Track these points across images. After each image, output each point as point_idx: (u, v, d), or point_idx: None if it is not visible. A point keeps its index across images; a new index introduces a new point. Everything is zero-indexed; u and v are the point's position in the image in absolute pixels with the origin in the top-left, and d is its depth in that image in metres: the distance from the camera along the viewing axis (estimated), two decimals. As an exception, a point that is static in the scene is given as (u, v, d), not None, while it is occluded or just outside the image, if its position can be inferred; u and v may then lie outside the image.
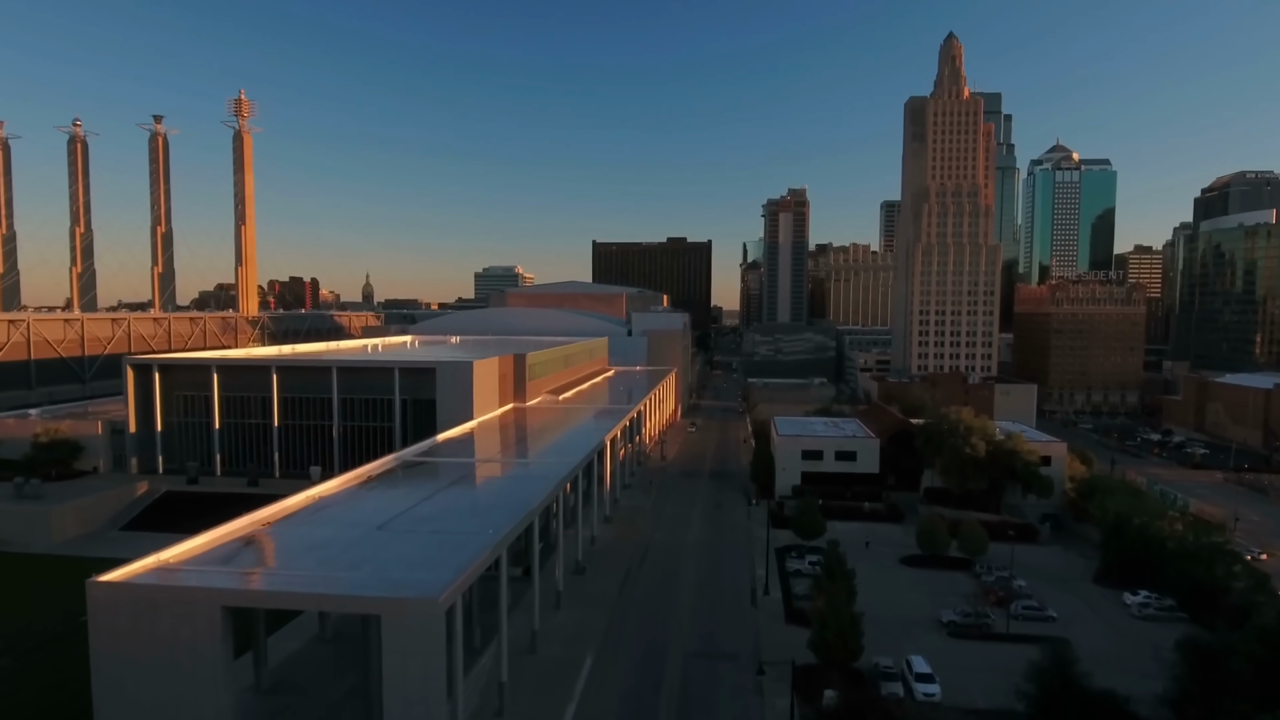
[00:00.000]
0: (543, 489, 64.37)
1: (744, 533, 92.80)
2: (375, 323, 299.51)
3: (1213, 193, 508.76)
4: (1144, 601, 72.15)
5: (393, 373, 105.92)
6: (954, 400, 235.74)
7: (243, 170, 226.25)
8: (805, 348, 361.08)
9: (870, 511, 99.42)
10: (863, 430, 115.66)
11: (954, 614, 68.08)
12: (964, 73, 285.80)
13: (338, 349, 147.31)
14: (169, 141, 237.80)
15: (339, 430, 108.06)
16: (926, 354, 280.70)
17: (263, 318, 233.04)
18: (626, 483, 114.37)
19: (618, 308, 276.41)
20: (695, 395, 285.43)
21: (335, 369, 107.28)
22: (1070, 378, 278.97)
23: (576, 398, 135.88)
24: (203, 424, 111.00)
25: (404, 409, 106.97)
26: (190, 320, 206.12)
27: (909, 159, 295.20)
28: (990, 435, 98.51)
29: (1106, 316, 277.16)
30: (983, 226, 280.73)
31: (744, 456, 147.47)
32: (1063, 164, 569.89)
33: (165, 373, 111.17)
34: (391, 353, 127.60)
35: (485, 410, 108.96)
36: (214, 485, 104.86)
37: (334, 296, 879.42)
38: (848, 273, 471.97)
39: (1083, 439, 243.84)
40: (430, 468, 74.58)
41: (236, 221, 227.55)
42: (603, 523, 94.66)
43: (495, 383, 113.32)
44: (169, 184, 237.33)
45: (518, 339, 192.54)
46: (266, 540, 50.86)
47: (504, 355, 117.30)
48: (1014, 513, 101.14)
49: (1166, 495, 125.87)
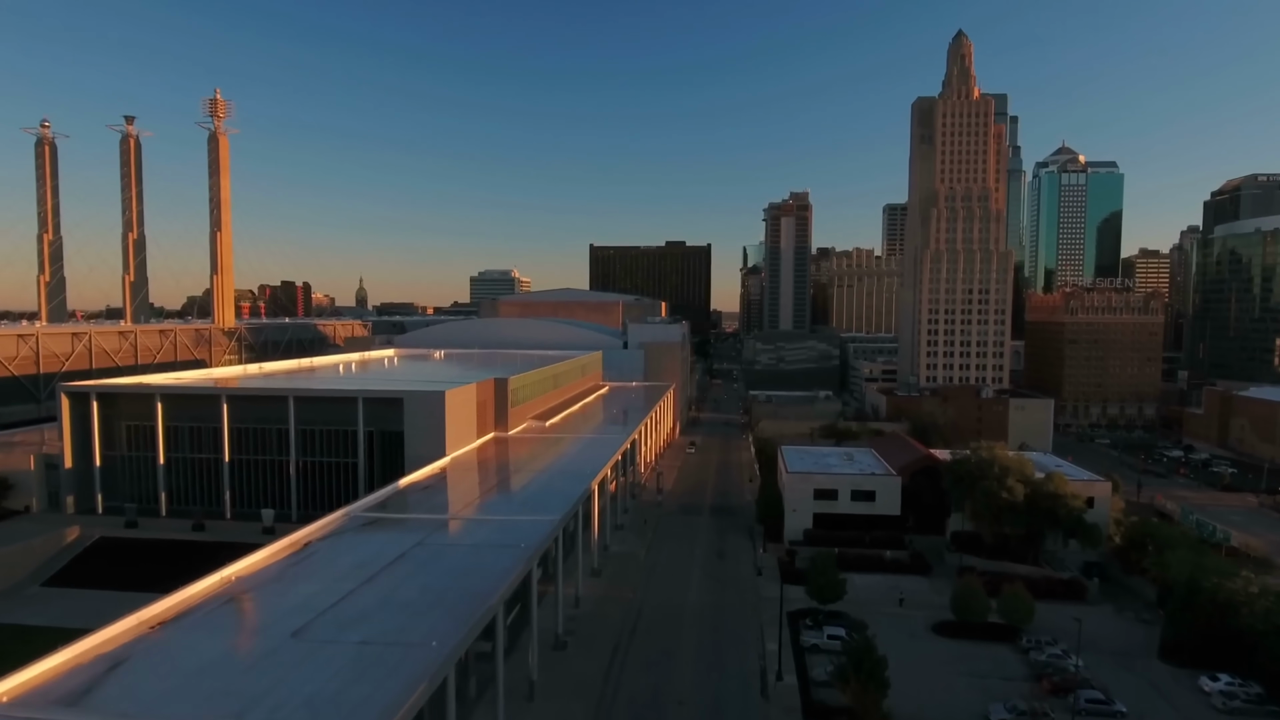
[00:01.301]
0: (512, 564, 53.14)
1: (751, 591, 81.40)
2: (363, 332, 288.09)
3: (1223, 196, 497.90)
4: (1227, 690, 60.87)
5: (356, 403, 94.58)
6: (967, 415, 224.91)
7: (218, 174, 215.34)
8: (808, 356, 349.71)
9: (893, 562, 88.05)
10: (880, 464, 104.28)
11: (1006, 711, 56.76)
12: (974, 72, 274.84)
13: (308, 368, 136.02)
14: (141, 143, 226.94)
15: (296, 466, 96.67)
16: (935, 364, 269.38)
17: (240, 329, 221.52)
18: (619, 523, 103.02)
19: (614, 317, 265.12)
20: (695, 408, 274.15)
21: (292, 399, 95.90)
22: (1085, 390, 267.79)
23: (566, 423, 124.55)
24: (146, 458, 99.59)
25: (370, 443, 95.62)
26: (160, 333, 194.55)
27: (916, 162, 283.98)
28: (1028, 476, 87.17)
29: (1123, 326, 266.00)
30: (993, 232, 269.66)
31: (747, 485, 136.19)
32: (1069, 166, 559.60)
33: (104, 401, 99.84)
34: (359, 377, 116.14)
35: (461, 443, 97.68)
36: (155, 529, 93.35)
37: (329, 300, 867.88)
38: (850, 278, 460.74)
39: (1101, 456, 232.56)
40: (381, 529, 63.19)
41: (211, 227, 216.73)
42: (590, 576, 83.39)
43: (472, 411, 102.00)
44: (141, 187, 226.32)
45: (506, 354, 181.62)
46: (142, 658, 39.39)
47: (483, 380, 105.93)
48: (1052, 561, 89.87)
49: (1204, 526, 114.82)
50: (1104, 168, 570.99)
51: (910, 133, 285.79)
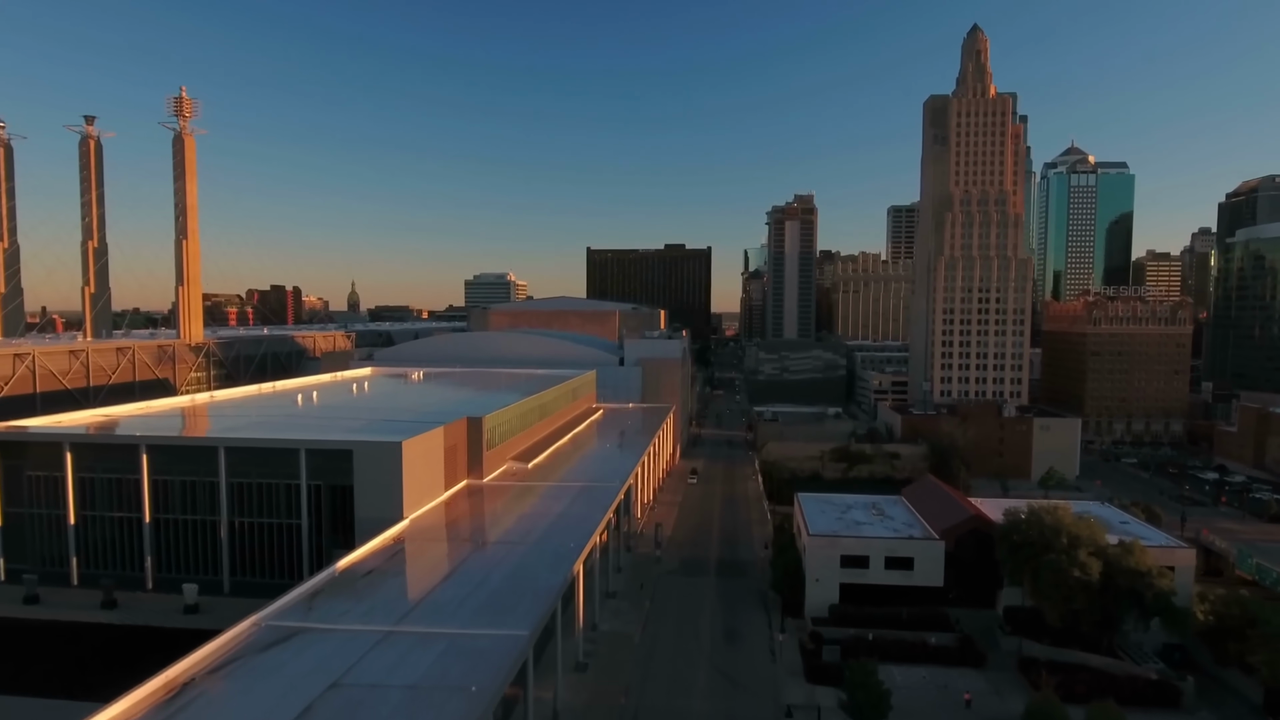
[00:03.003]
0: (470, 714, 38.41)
1: (769, 696, 66.45)
2: (345, 344, 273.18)
3: (1239, 198, 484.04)
4: None
5: (298, 455, 79.69)
6: (988, 436, 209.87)
7: (184, 177, 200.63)
8: (814, 366, 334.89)
9: (937, 649, 73.19)
10: (916, 522, 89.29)
11: None
12: (990, 69, 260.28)
13: (269, 391, 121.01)
14: (103, 145, 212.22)
15: (229, 528, 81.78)
16: (950, 378, 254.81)
17: (209, 343, 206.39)
18: (610, 590, 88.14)
19: (610, 327, 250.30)
20: (695, 423, 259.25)
21: (223, 450, 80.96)
22: (1108, 404, 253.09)
23: (553, 462, 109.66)
24: (55, 517, 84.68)
25: (315, 499, 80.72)
26: (117, 350, 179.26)
27: (929, 163, 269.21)
28: (1102, 546, 72.35)
29: (1149, 337, 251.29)
30: (1011, 238, 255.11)
31: (756, 528, 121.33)
32: (1078, 167, 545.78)
33: (6, 450, 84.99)
34: (307, 418, 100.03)
35: (423, 499, 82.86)
36: (58, 605, 78.34)
37: (323, 304, 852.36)
38: (856, 283, 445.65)
39: (1130, 479, 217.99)
40: (293, 653, 48.26)
41: (177, 235, 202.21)
42: (572, 671, 68.63)
43: (439, 459, 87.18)
44: (102, 191, 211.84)
45: (492, 373, 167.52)
46: None
47: (452, 423, 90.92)
48: (1126, 644, 75.08)
49: (1265, 573, 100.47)
50: (1114, 168, 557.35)
51: (922, 133, 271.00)
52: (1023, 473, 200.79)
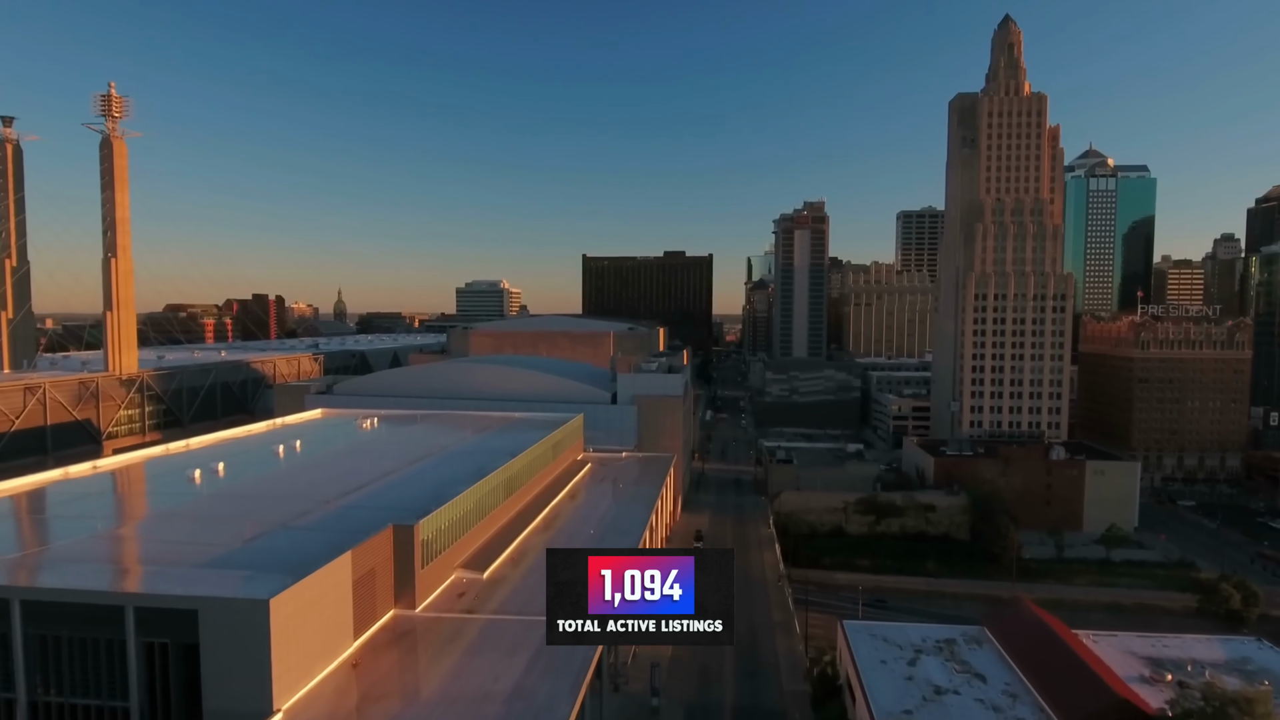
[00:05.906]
0: None
1: None
2: (311, 368, 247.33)
3: (1269, 203, 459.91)
4: None
5: (123, 616, 54.05)
6: (1034, 481, 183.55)
7: (112, 187, 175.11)
8: (825, 388, 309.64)
9: None
10: (1025, 692, 62.99)
11: None
12: (1023, 64, 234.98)
13: (125, 466, 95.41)
14: (23, 149, 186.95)
15: (29, 709, 56.13)
16: (980, 406, 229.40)
17: (142, 376, 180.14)
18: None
19: (603, 351, 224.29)
20: (698, 456, 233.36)
21: (18, 604, 55.23)
22: (1158, 437, 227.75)
23: (516, 564, 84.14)
24: None
25: (149, 667, 55.03)
26: (25, 389, 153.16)
27: (955, 168, 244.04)
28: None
29: (1204, 362, 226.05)
30: (1049, 251, 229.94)
31: (781, 638, 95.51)
32: (1097, 170, 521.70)
33: None
34: (170, 524, 72.39)
35: (313, 667, 57.09)
36: None
37: (312, 310, 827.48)
38: (869, 295, 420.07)
39: (1192, 528, 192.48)
40: None
41: (105, 252, 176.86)
42: None
43: (344, 597, 61.49)
44: (22, 199, 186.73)
45: (462, 415, 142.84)
46: None
47: (367, 540, 65.08)
48: None
49: None
50: (1134, 171, 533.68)
51: (948, 135, 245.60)
52: (1073, 523, 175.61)
